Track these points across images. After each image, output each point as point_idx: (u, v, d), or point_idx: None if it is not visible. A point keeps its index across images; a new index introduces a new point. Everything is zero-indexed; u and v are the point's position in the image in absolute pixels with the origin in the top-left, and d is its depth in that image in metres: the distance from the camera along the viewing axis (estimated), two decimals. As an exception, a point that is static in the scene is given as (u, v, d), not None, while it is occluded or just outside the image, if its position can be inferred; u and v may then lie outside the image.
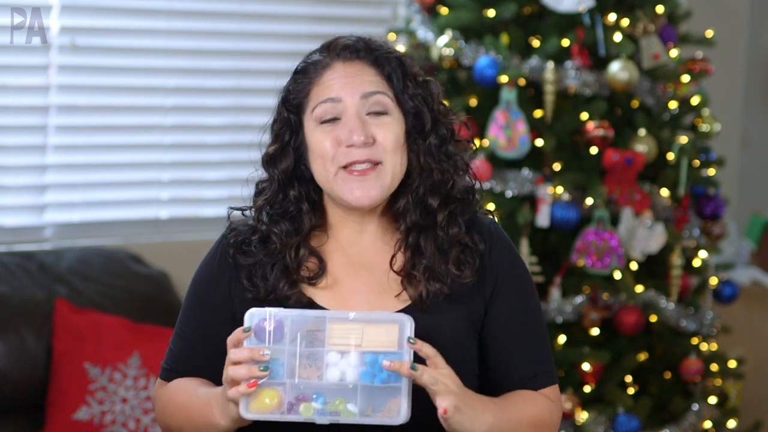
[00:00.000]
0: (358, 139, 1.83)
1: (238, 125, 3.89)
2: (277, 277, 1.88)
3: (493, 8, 3.37)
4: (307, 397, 1.74)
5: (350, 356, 1.74)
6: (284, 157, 1.91)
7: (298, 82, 1.91)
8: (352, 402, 1.73)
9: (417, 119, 1.89)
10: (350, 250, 1.92)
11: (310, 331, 1.75)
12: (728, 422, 3.64)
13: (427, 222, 1.90)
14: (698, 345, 3.54)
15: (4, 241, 3.55)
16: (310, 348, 1.74)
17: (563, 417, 3.30)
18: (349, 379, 1.73)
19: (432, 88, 1.92)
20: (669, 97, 3.46)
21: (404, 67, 1.90)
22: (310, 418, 1.74)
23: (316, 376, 1.74)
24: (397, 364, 1.71)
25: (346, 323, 1.74)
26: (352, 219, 1.91)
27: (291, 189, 1.91)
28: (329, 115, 1.86)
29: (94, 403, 3.24)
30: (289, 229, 1.90)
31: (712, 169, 3.62)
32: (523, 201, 3.35)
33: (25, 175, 3.63)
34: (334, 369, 1.74)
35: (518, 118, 3.29)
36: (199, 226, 3.83)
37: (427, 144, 1.89)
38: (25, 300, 3.30)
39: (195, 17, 3.82)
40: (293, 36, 3.95)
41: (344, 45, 1.89)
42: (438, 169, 1.89)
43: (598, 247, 3.30)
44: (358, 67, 1.88)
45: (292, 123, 1.91)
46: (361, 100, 1.86)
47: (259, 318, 1.75)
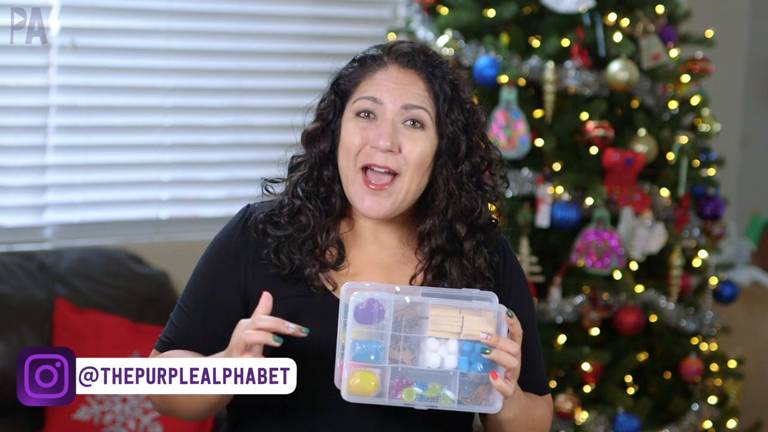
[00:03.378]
0: (384, 144, 1.85)
1: (238, 125, 3.89)
2: (305, 256, 1.88)
3: (493, 8, 3.37)
4: (408, 382, 1.76)
5: (450, 343, 1.76)
6: (324, 137, 1.93)
7: (351, 70, 1.93)
8: (448, 388, 1.76)
9: (452, 143, 1.90)
10: (368, 248, 1.94)
11: (413, 317, 1.77)
12: (728, 422, 3.64)
13: (452, 248, 1.92)
14: (698, 345, 3.54)
15: (4, 241, 3.55)
16: (408, 332, 1.77)
17: (563, 417, 3.30)
18: (448, 366, 1.76)
19: (478, 117, 1.93)
20: (669, 97, 3.46)
21: (456, 90, 1.91)
22: (411, 403, 1.76)
23: (410, 360, 1.76)
24: (495, 338, 1.75)
25: (447, 310, 1.77)
26: (369, 222, 1.94)
27: (325, 169, 1.93)
28: (367, 110, 1.88)
29: (94, 403, 3.24)
30: (321, 208, 1.92)
31: (712, 169, 3.62)
32: (523, 201, 3.35)
33: (25, 175, 3.63)
34: (433, 355, 1.76)
35: (518, 118, 3.30)
36: (199, 226, 3.83)
37: (459, 171, 1.90)
38: (25, 300, 3.30)
39: (195, 17, 3.82)
40: (293, 36, 3.96)
41: (404, 51, 1.91)
42: (466, 197, 1.91)
43: (598, 247, 3.30)
44: (410, 76, 1.90)
45: (336, 106, 1.93)
46: (401, 109, 1.87)
47: (362, 299, 1.76)
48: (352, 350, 1.75)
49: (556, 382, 3.38)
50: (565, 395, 3.30)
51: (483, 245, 1.93)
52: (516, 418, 1.85)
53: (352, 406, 1.81)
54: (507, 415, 1.84)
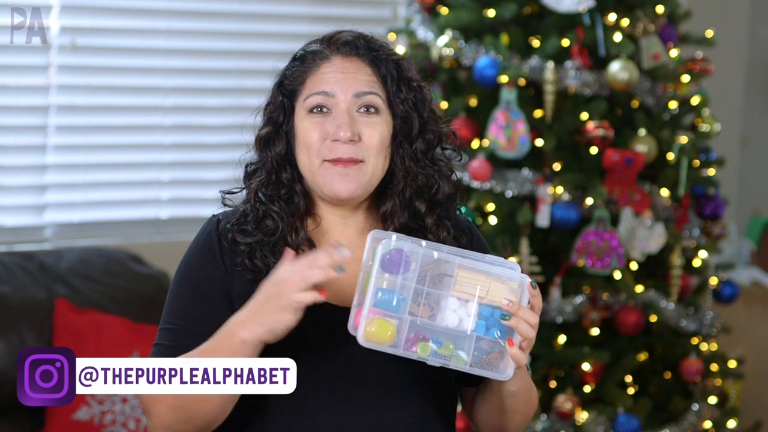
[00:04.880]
0: (344, 135, 1.86)
1: (238, 125, 3.87)
2: (278, 258, 1.87)
3: (493, 8, 3.37)
4: (425, 337, 1.76)
5: (470, 305, 1.76)
6: (278, 140, 1.94)
7: (294, 69, 1.94)
8: (463, 350, 1.76)
9: (405, 123, 1.92)
10: (340, 242, 1.93)
11: (438, 274, 1.77)
12: (728, 422, 3.64)
13: (415, 225, 1.93)
14: (698, 345, 3.54)
15: (4, 241, 3.55)
16: (431, 288, 1.77)
17: (563, 417, 3.30)
18: (465, 327, 1.76)
19: (425, 94, 1.95)
20: (669, 97, 3.46)
21: (401, 70, 1.93)
22: (424, 358, 1.76)
23: (428, 317, 1.76)
24: (516, 306, 1.75)
25: (473, 273, 1.77)
26: (335, 213, 1.94)
27: (284, 172, 1.93)
28: (319, 105, 1.89)
29: (94, 403, 3.24)
30: (285, 209, 1.92)
31: (712, 169, 3.62)
32: (523, 201, 3.35)
33: (25, 175, 3.63)
34: (452, 315, 1.76)
35: (518, 118, 3.29)
36: (199, 226, 3.82)
37: (414, 149, 1.92)
38: (25, 300, 3.30)
39: (195, 17, 3.82)
40: (293, 36, 3.96)
41: (345, 40, 1.92)
42: (423, 174, 1.92)
43: (598, 247, 3.30)
44: (355, 64, 1.91)
45: (285, 107, 1.94)
46: (353, 98, 1.89)
47: (391, 248, 1.76)
48: (374, 297, 1.75)
49: (556, 382, 3.38)
50: (565, 395, 3.30)
51: (445, 218, 1.95)
52: (518, 392, 1.86)
53: (337, 405, 1.82)
54: (511, 389, 1.85)
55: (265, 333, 1.74)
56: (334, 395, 1.83)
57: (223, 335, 1.78)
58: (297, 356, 1.82)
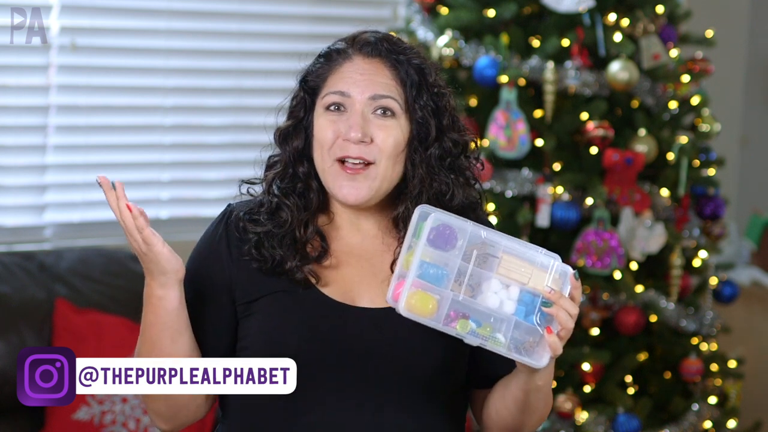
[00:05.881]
0: (354, 135, 1.86)
1: (238, 125, 3.89)
2: (285, 250, 1.89)
3: (493, 8, 3.37)
4: (466, 314, 1.76)
5: (512, 289, 1.77)
6: (296, 135, 1.95)
7: (318, 66, 1.95)
8: (501, 333, 1.77)
9: (421, 128, 1.91)
10: (351, 240, 1.94)
11: (484, 254, 1.77)
12: (728, 422, 3.64)
13: None
14: (698, 345, 3.54)
15: (4, 241, 3.55)
16: (475, 267, 1.77)
17: (563, 417, 3.30)
18: (506, 310, 1.76)
19: (447, 101, 1.94)
20: (669, 97, 3.46)
21: (423, 75, 1.92)
22: (463, 335, 1.76)
23: (469, 296, 1.76)
24: (557, 295, 1.76)
25: (517, 258, 1.77)
26: (347, 212, 1.94)
27: (300, 166, 1.94)
28: (336, 103, 1.90)
29: (94, 403, 3.24)
30: (298, 203, 1.92)
31: (712, 169, 3.62)
32: (523, 201, 3.35)
33: (25, 175, 3.63)
34: (494, 296, 1.77)
35: (518, 118, 3.30)
36: (199, 226, 3.80)
37: (428, 154, 1.91)
38: (25, 300, 3.30)
39: (195, 17, 3.82)
40: (293, 36, 3.96)
41: (367, 41, 1.92)
42: (438, 181, 1.91)
43: (598, 247, 3.30)
44: (375, 65, 1.91)
45: (306, 103, 1.95)
46: (368, 99, 1.89)
47: (439, 222, 1.77)
48: (419, 269, 1.75)
49: (556, 382, 3.38)
50: (565, 395, 3.30)
51: None
52: (543, 387, 1.86)
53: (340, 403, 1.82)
54: (538, 383, 1.84)
55: (152, 279, 1.94)
56: (335, 395, 1.83)
57: (144, 305, 1.93)
58: (298, 356, 1.82)
